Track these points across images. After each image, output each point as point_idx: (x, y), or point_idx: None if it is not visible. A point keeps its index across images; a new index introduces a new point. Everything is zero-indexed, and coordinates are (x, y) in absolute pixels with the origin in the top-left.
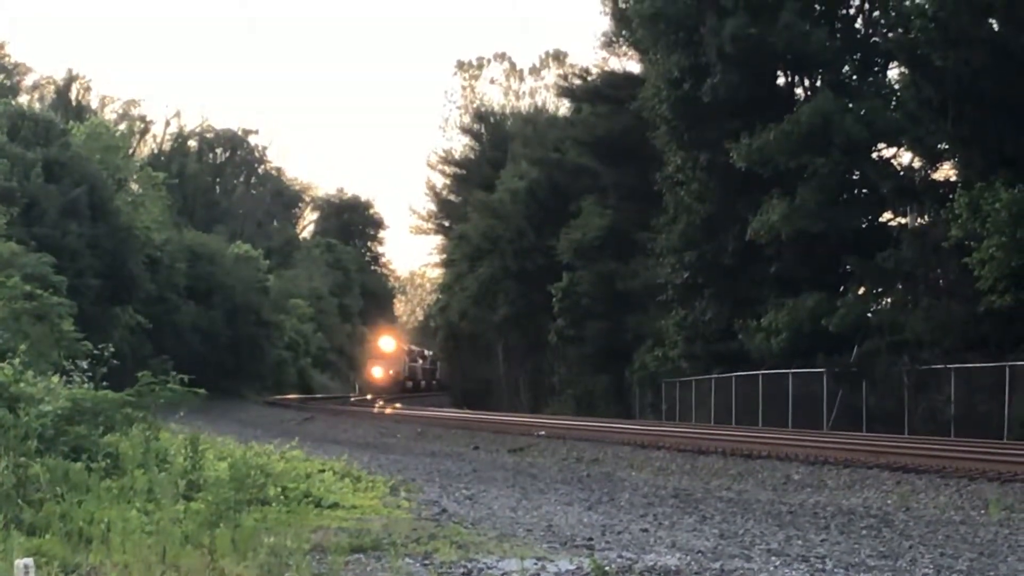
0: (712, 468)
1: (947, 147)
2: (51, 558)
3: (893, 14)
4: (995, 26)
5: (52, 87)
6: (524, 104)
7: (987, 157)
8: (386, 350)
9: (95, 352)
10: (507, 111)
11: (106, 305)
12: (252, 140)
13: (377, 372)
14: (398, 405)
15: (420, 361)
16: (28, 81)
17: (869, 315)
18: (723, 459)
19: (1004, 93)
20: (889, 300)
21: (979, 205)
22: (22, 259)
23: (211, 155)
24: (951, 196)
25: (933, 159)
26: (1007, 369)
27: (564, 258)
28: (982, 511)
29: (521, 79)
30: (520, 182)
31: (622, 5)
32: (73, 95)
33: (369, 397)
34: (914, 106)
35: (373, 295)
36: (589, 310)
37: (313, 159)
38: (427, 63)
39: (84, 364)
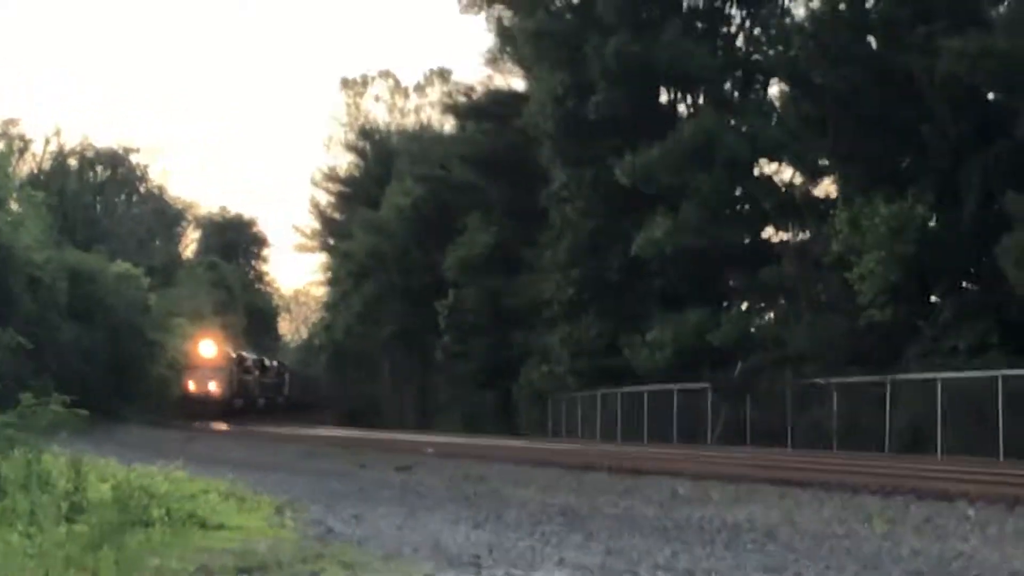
0: (598, 484)
1: (827, 163)
2: None
3: (773, 32)
4: (873, 44)
5: None
6: (409, 121)
7: (866, 173)
8: (206, 356)
9: None
10: (392, 128)
11: None
12: (133, 159)
13: (193, 386)
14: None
15: (257, 373)
16: None
17: (752, 330)
18: (609, 475)
19: (882, 110)
20: (772, 315)
21: (859, 220)
22: None
23: (92, 174)
24: (832, 212)
25: (814, 175)
26: (888, 382)
27: (450, 275)
28: (865, 524)
29: (406, 96)
30: (405, 199)
31: (506, 23)
32: None
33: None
34: (795, 123)
35: (257, 314)
36: (475, 327)
37: (196, 178)
38: (312, 81)
39: None
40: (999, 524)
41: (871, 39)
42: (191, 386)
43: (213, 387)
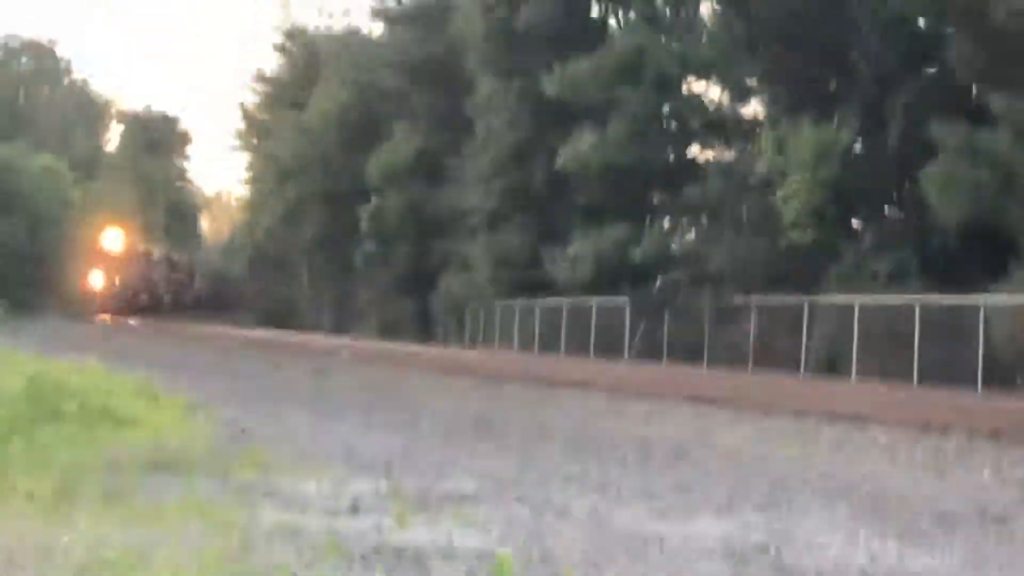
0: (513, 395)
1: (755, 83)
2: None
3: None
4: None
5: None
6: (338, 25)
7: (794, 95)
8: (112, 250)
9: None
10: (321, 31)
11: None
12: (57, 51)
13: (97, 281)
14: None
15: (164, 268)
16: None
17: (673, 248)
18: (524, 386)
19: (812, 33)
20: (693, 234)
21: (784, 142)
22: None
23: (16, 64)
24: (758, 132)
25: (742, 95)
26: (805, 305)
27: (373, 182)
28: (777, 445)
29: (328, 16)
30: (331, 104)
31: None
32: None
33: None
34: (725, 42)
35: (178, 212)
36: (396, 234)
37: (120, 73)
38: None
39: None
40: (909, 447)
41: None
42: (96, 282)
43: (120, 282)
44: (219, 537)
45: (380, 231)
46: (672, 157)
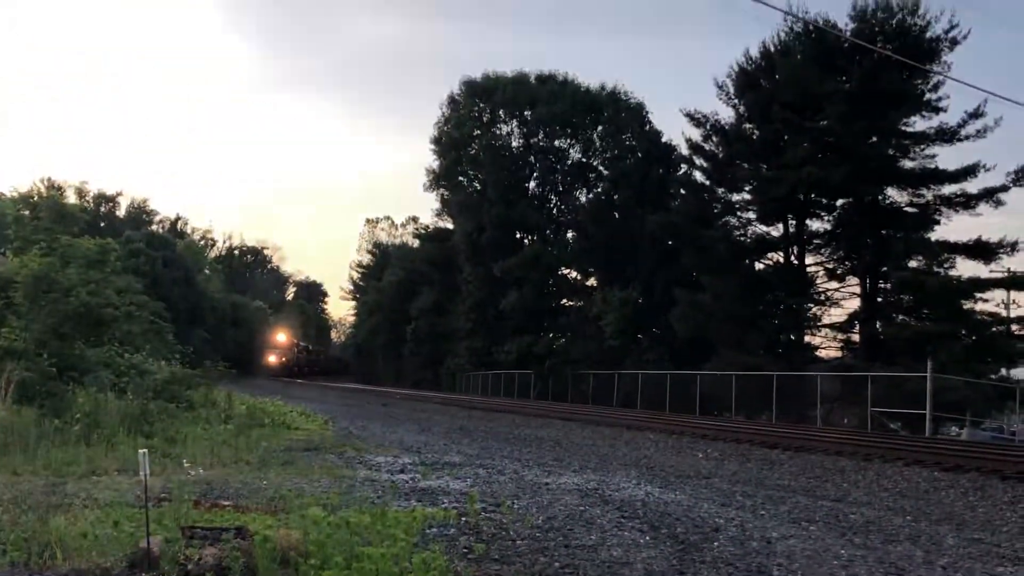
0: (478, 416)
1: (593, 271)
2: (157, 450)
3: (570, 206)
4: (617, 215)
5: (167, 221)
6: (397, 240)
7: (610, 275)
8: (280, 342)
9: (182, 349)
10: (388, 243)
11: (184, 326)
12: (266, 251)
13: (272, 359)
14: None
15: (305, 353)
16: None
17: (555, 346)
18: (483, 412)
19: (621, 248)
20: (564, 340)
21: (607, 297)
22: (150, 305)
23: (245, 257)
24: (592, 293)
25: (586, 275)
26: (616, 374)
27: (412, 315)
28: (601, 440)
29: (395, 228)
30: (393, 278)
31: (445, 196)
32: (178, 226)
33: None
34: (578, 250)
35: (319, 326)
36: (423, 339)
37: (295, 258)
38: (352, 217)
39: (176, 356)
40: (664, 442)
41: (616, 214)
42: (272, 359)
43: (285, 360)
44: (338, 482)
45: (415, 338)
46: (554, 304)
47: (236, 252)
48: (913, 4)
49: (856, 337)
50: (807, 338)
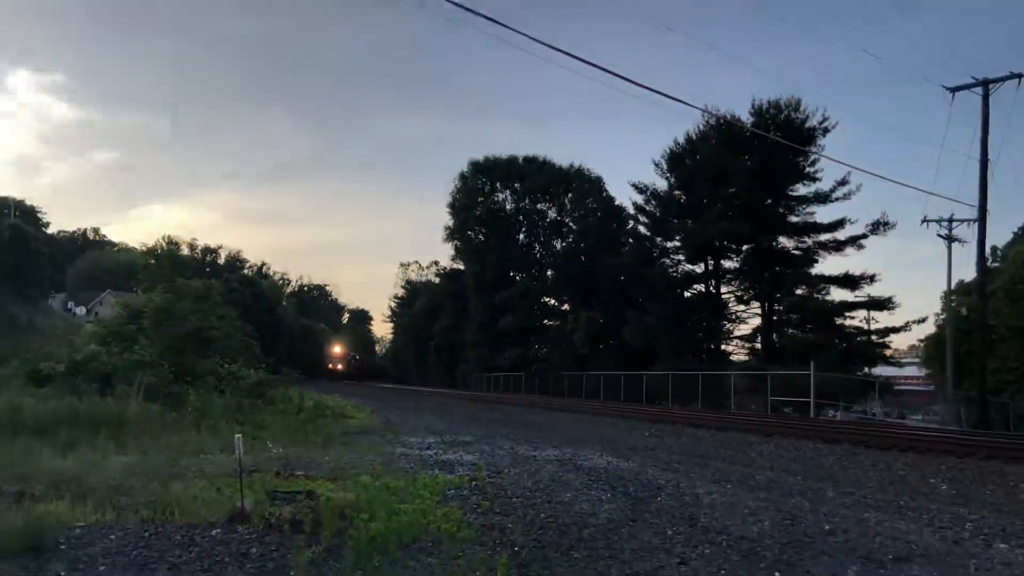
0: (485, 407)
1: (567, 298)
2: (248, 435)
3: (550, 249)
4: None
5: (255, 267)
6: (424, 278)
7: (582, 303)
8: (337, 353)
9: (266, 361)
10: (419, 280)
11: (268, 344)
12: (327, 288)
13: (331, 365)
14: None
15: (355, 362)
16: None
17: (539, 355)
18: (490, 404)
19: (590, 285)
20: (547, 350)
21: (578, 318)
22: (242, 328)
23: (312, 292)
24: (568, 317)
25: (562, 302)
26: (583, 375)
27: (435, 334)
28: (573, 423)
29: (422, 269)
30: (421, 306)
31: (459, 245)
32: (263, 270)
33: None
34: (553, 280)
35: (366, 341)
36: (443, 349)
37: (349, 287)
38: (390, 259)
39: (262, 365)
40: (622, 425)
41: (582, 257)
42: (330, 365)
43: (341, 366)
44: (382, 457)
45: (437, 349)
46: (538, 323)
47: (305, 288)
48: (796, 103)
49: (759, 346)
50: (723, 347)
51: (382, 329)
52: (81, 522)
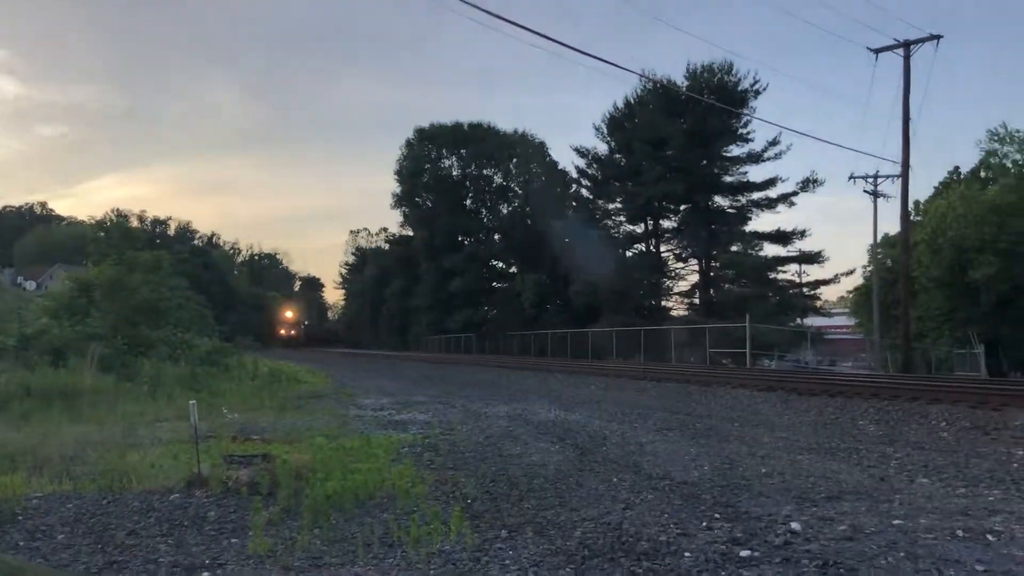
0: (438, 368)
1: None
2: (204, 402)
3: (497, 215)
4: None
5: (205, 237)
6: (374, 245)
7: (528, 264)
8: (289, 318)
9: (219, 329)
10: (368, 247)
11: (221, 312)
12: (278, 256)
13: (283, 331)
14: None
15: (307, 327)
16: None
17: (489, 316)
18: (441, 364)
19: (542, 248)
20: (496, 311)
21: (524, 279)
22: (194, 298)
23: (264, 260)
24: (514, 277)
25: (509, 265)
26: (532, 335)
27: (386, 298)
28: (522, 380)
29: (372, 236)
30: (372, 272)
31: (407, 212)
32: (214, 240)
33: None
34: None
35: (318, 306)
36: (395, 314)
37: (297, 254)
38: (342, 227)
39: (215, 334)
40: (569, 380)
41: (528, 221)
42: (283, 331)
43: (292, 332)
44: (336, 419)
45: (388, 314)
46: (487, 286)
47: (256, 257)
48: (728, 66)
49: (697, 301)
50: (663, 303)
51: (334, 296)
52: (38, 492)
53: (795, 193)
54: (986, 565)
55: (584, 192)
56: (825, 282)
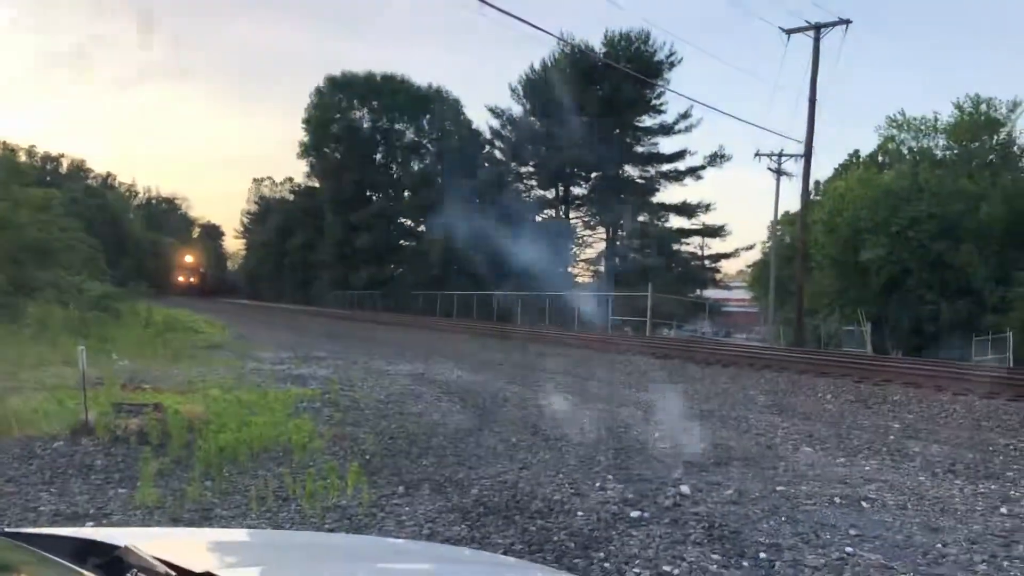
0: (338, 324)
1: (422, 219)
2: (93, 348)
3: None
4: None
5: (100, 177)
6: (278, 194)
7: (433, 223)
8: (188, 263)
9: (112, 274)
10: (272, 196)
11: (114, 257)
12: (178, 202)
13: (181, 278)
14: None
15: (206, 276)
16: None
17: (394, 274)
18: (343, 321)
19: (441, 200)
20: (402, 269)
21: (431, 238)
22: (86, 240)
23: (159, 206)
24: (422, 236)
25: (418, 223)
26: (438, 296)
27: (292, 251)
28: (426, 340)
29: (276, 186)
30: (275, 222)
31: (313, 162)
32: (109, 180)
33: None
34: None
35: (218, 256)
36: (296, 268)
37: (202, 203)
38: (245, 175)
39: (107, 278)
40: (473, 342)
41: (439, 179)
42: (181, 278)
43: (191, 279)
44: (233, 371)
45: (291, 266)
46: (394, 244)
47: (154, 200)
48: (645, 36)
49: (603, 269)
50: (570, 269)
51: (235, 245)
52: None
53: (703, 167)
54: (859, 530)
55: (497, 154)
56: (726, 255)
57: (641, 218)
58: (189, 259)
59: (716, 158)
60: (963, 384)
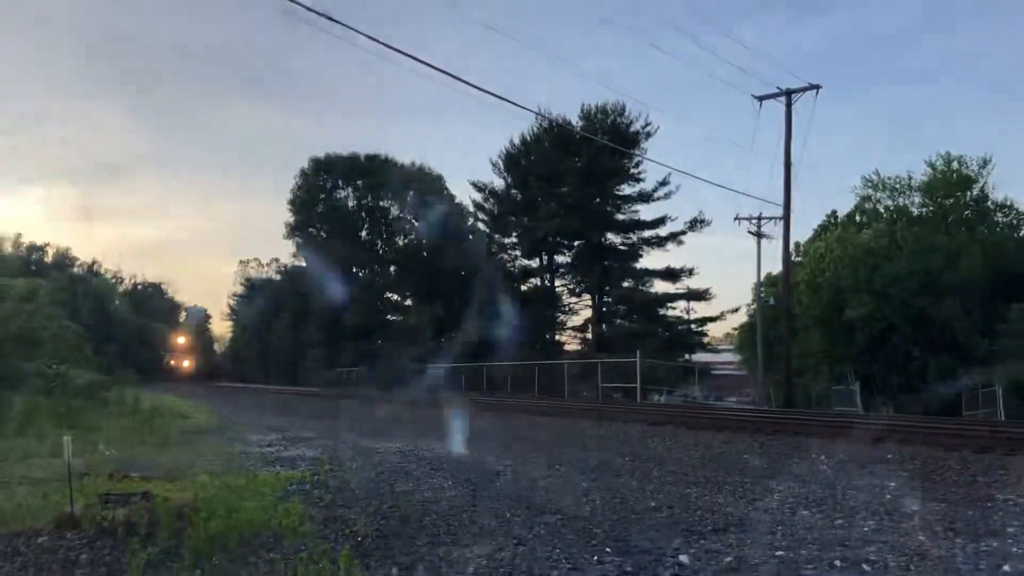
0: (325, 403)
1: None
2: (79, 438)
3: (392, 248)
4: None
5: (85, 264)
6: (264, 276)
7: (420, 295)
8: (180, 344)
9: (100, 362)
10: (258, 277)
11: (100, 344)
12: (164, 288)
13: (174, 362)
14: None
15: (192, 358)
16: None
17: (383, 349)
18: (330, 400)
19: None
20: (390, 343)
21: (419, 312)
22: (72, 328)
23: (147, 291)
24: (410, 310)
25: (404, 297)
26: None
27: (278, 331)
28: (415, 415)
29: (262, 266)
30: (261, 304)
31: (299, 241)
32: (94, 268)
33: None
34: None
35: (205, 339)
36: (282, 344)
37: (185, 283)
38: (231, 259)
39: (94, 366)
40: (463, 414)
41: (424, 253)
42: (173, 361)
43: (185, 361)
44: (222, 456)
45: (279, 347)
46: (382, 319)
47: (140, 286)
48: (621, 108)
49: (590, 335)
50: (557, 337)
51: (222, 328)
52: None
53: (684, 232)
54: None
55: (481, 226)
56: (712, 319)
57: (626, 284)
58: (176, 344)
59: (696, 223)
60: (956, 440)
